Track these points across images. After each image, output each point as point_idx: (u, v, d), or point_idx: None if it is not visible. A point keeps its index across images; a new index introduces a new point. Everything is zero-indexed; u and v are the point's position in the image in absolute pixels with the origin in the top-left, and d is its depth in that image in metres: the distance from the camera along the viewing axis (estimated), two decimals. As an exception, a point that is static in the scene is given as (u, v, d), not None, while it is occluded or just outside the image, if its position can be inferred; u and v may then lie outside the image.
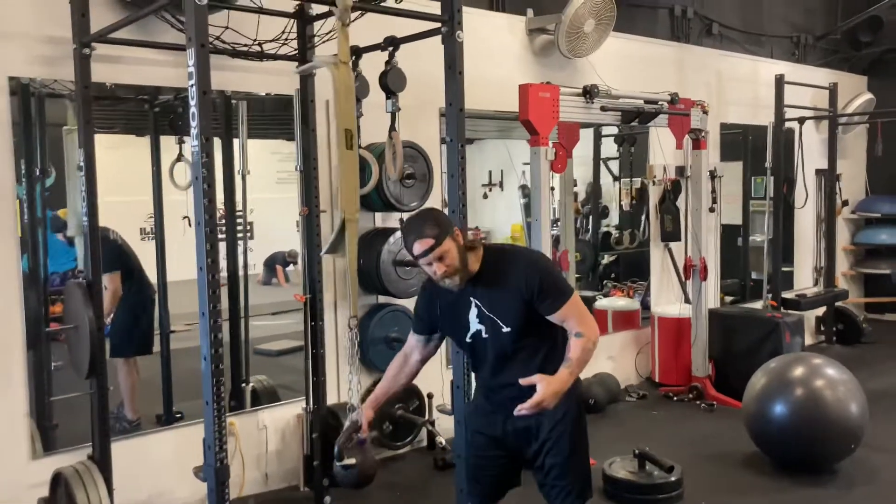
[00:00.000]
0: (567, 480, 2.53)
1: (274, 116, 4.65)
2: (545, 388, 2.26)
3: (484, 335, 2.48)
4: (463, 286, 2.46)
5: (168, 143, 4.35)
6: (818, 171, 7.69)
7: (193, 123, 2.32)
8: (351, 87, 2.57)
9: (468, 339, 2.54)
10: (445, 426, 4.64)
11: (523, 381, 2.31)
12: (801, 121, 6.92)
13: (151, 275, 4.34)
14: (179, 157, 4.35)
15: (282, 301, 5.42)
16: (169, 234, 4.33)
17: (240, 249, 4.59)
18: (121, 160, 4.44)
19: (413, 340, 2.70)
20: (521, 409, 2.26)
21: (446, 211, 3.16)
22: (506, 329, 2.45)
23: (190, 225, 4.61)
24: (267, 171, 4.89)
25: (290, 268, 5.54)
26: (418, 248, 2.39)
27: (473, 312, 2.48)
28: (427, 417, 4.66)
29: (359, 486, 2.68)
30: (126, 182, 4.46)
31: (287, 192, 4.18)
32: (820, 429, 4.15)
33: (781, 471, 4.31)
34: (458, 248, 2.41)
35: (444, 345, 4.84)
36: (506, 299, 2.44)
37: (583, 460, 2.61)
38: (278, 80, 4.06)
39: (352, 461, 2.51)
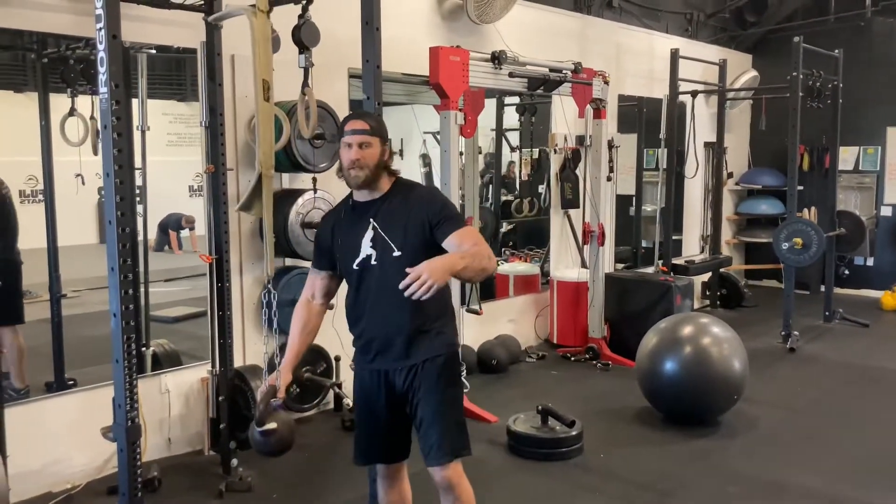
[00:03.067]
0: (436, 433, 2.46)
1: (166, 76, 4.47)
2: (427, 263, 2.15)
3: (373, 262, 2.48)
4: (367, 197, 2.50)
5: (56, 100, 4.10)
6: (707, 144, 8.07)
7: (102, 69, 2.21)
8: (269, 37, 2.51)
9: (356, 266, 2.51)
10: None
11: (410, 270, 2.15)
12: (694, 94, 7.23)
13: (40, 239, 4.11)
14: (72, 112, 4.12)
15: (176, 267, 5.27)
16: (59, 196, 4.10)
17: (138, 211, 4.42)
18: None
19: (314, 279, 2.65)
20: (405, 282, 2.13)
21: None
22: (396, 253, 2.44)
23: (83, 183, 4.46)
24: (157, 132, 4.66)
25: (185, 233, 5.38)
26: (354, 125, 2.45)
27: (368, 235, 2.48)
28: (334, 380, 4.67)
29: (278, 453, 2.64)
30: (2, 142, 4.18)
31: (178, 155, 3.99)
32: (706, 383, 4.43)
33: (671, 423, 4.58)
34: (380, 154, 2.47)
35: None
36: (404, 221, 2.47)
37: (454, 413, 2.54)
38: (181, 31, 3.90)
39: (273, 426, 2.50)
